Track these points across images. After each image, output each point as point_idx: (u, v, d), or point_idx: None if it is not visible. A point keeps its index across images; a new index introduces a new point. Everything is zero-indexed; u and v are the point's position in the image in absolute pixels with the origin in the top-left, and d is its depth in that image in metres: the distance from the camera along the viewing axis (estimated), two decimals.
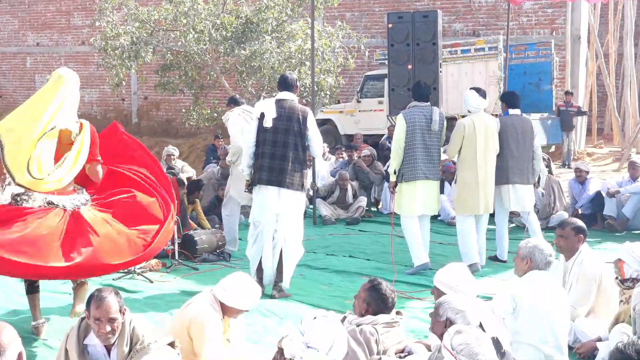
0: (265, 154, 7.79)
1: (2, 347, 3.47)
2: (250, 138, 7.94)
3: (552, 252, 5.68)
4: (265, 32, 17.00)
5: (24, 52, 29.62)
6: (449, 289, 5.24)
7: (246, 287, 5.32)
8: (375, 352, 4.86)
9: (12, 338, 3.52)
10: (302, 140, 7.83)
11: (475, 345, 3.88)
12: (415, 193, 8.88)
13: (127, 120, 26.81)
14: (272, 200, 7.79)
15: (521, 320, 5.34)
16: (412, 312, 7.10)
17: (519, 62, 19.27)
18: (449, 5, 22.03)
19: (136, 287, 8.12)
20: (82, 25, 27.73)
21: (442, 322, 4.54)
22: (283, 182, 7.73)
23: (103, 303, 4.47)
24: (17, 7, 29.67)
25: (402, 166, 8.84)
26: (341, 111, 20.64)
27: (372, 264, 9.48)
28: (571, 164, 18.05)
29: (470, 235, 9.08)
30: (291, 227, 7.91)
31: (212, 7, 17.51)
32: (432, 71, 11.68)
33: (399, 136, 8.82)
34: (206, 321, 5.11)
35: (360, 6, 23.29)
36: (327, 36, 17.66)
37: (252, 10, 17.42)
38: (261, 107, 7.96)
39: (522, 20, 21.35)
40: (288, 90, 8.00)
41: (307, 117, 7.86)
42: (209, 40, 17.33)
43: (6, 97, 30.00)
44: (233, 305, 5.21)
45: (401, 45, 12.03)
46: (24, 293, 7.41)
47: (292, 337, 4.46)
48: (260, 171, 7.82)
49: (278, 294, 7.81)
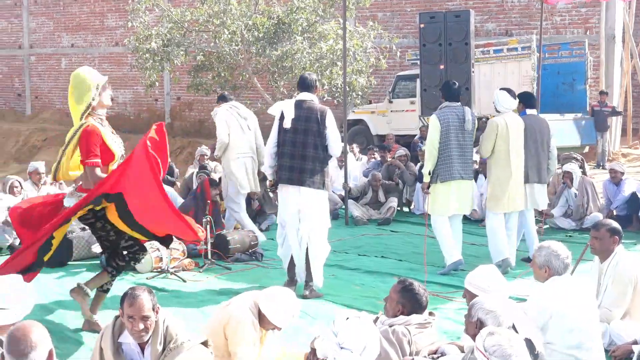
0: (285, 154, 7.86)
1: (33, 344, 3.54)
2: (272, 139, 8.01)
3: (569, 254, 5.53)
4: (297, 32, 17.03)
5: (59, 53, 29.92)
6: (480, 291, 5.21)
7: (287, 303, 5.28)
8: (407, 353, 4.84)
9: (42, 336, 3.59)
10: (321, 139, 7.86)
11: (508, 347, 3.86)
12: (449, 193, 8.89)
13: (159, 120, 26.86)
14: (293, 199, 7.87)
15: (551, 331, 5.26)
16: (444, 313, 7.07)
17: (553, 62, 19.12)
18: (482, 5, 21.92)
19: (169, 286, 8.17)
20: (115, 26, 27.98)
21: (473, 322, 4.52)
22: (303, 180, 7.79)
23: (136, 301, 4.51)
24: (52, 9, 29.99)
25: (436, 166, 8.83)
26: (373, 111, 20.62)
27: (404, 265, 9.46)
28: (606, 165, 17.88)
29: (501, 232, 9.11)
30: (314, 225, 7.93)
31: (244, 8, 17.57)
32: (465, 71, 11.65)
33: (433, 137, 8.79)
34: (243, 322, 5.12)
35: (392, 6, 23.24)
36: (359, 36, 17.65)
37: (284, 10, 17.45)
38: (280, 107, 8.00)
39: (555, 20, 21.18)
40: (307, 90, 8.03)
41: (325, 116, 7.87)
42: (241, 41, 17.39)
43: (41, 97, 30.32)
44: (268, 316, 5.21)
45: (433, 45, 12.01)
46: (59, 292, 7.54)
47: (325, 338, 4.45)
48: (281, 171, 7.91)
49: (310, 293, 7.82)
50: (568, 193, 12.04)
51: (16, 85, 31.21)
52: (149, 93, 21.42)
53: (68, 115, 6.49)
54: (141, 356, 4.65)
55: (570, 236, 11.35)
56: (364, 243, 10.93)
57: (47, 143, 25.87)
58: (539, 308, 5.31)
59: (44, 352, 3.58)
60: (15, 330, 3.62)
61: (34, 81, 30.67)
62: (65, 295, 7.72)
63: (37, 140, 26.22)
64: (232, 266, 9.22)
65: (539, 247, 5.63)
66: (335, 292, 8.01)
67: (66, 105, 6.87)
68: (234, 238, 9.69)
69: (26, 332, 3.58)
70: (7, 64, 31.44)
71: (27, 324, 3.66)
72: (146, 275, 8.44)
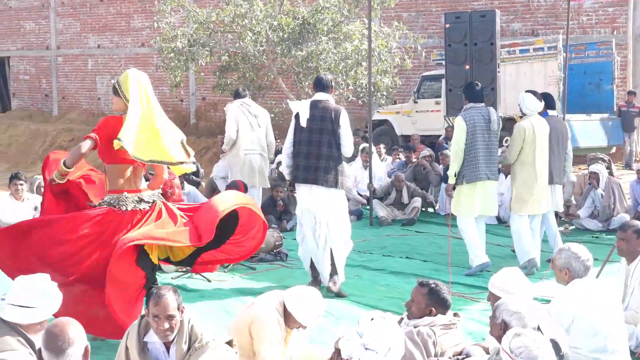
0: (301, 154, 7.97)
1: (70, 340, 3.61)
2: (288, 139, 8.12)
3: (590, 256, 5.46)
4: (322, 32, 17.03)
5: (86, 54, 30.14)
6: (504, 293, 5.18)
7: (313, 302, 5.31)
8: (432, 354, 4.83)
9: (79, 332, 3.67)
10: (335, 138, 7.92)
11: (534, 348, 3.84)
12: (474, 194, 8.89)
13: (185, 120, 27.10)
14: (304, 197, 8.01)
15: (575, 335, 5.22)
16: (469, 314, 7.05)
17: (579, 62, 18.95)
18: (507, 5, 21.79)
19: (194, 286, 8.20)
20: (141, 27, 28.13)
21: (498, 324, 4.50)
22: (317, 179, 7.88)
23: (161, 300, 4.53)
24: (79, 10, 30.22)
25: (462, 167, 8.82)
26: (398, 112, 20.56)
27: (428, 265, 9.44)
28: (633, 166, 17.71)
29: (526, 233, 9.11)
30: (332, 223, 7.98)
31: (269, 9, 17.60)
32: (490, 71, 11.57)
33: (459, 138, 8.79)
34: (268, 322, 5.13)
35: (417, 6, 23.18)
36: (384, 36, 17.62)
37: (309, 11, 17.47)
38: (297, 107, 8.09)
39: (582, 20, 21.01)
40: (323, 91, 8.10)
41: (339, 115, 7.92)
42: (266, 42, 17.43)
43: (68, 98, 30.57)
44: (295, 314, 5.22)
45: (459, 46, 11.95)
46: None
47: (350, 338, 4.45)
48: (297, 170, 8.02)
49: (334, 285, 7.87)
50: (594, 194, 11.95)
51: (43, 86, 31.49)
52: (174, 93, 21.51)
53: (94, 115, 6.51)
54: (166, 355, 4.67)
55: (596, 237, 11.29)
56: (389, 244, 10.92)
57: (73, 143, 26.05)
58: (560, 312, 5.27)
59: (80, 349, 3.66)
60: (53, 326, 3.69)
61: (61, 82, 30.93)
62: None
63: (63, 140, 26.43)
64: (257, 266, 9.24)
65: (559, 249, 5.59)
66: (359, 292, 8.01)
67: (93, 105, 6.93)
68: None
69: (64, 329, 3.66)
70: (35, 65, 31.74)
71: (65, 320, 3.73)
72: (171, 275, 8.48)
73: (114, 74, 28.87)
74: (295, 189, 8.27)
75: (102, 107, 29.03)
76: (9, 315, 4.33)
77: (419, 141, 17.71)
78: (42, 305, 4.36)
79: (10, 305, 4.33)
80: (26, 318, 4.32)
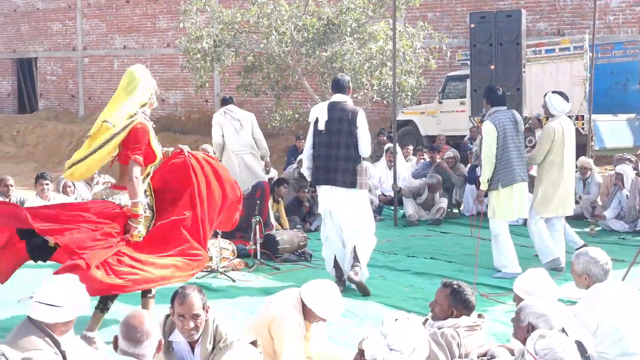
0: (320, 156, 8.10)
1: (148, 333, 3.74)
2: (308, 142, 8.27)
3: (608, 259, 5.37)
4: (347, 33, 17.01)
5: (112, 55, 30.33)
6: (527, 295, 5.16)
7: (331, 294, 5.31)
8: (457, 356, 4.82)
9: (154, 326, 3.83)
10: (352, 139, 8.02)
11: (559, 350, 3.82)
12: (512, 197, 8.81)
13: (210, 120, 27.00)
14: (324, 198, 8.15)
15: (600, 339, 5.16)
16: (494, 315, 7.02)
17: (606, 62, 18.77)
18: (533, 4, 21.66)
19: (219, 286, 8.24)
20: (167, 27, 28.26)
21: (524, 327, 4.48)
22: (336, 180, 8.00)
23: (186, 299, 4.55)
24: (105, 11, 30.42)
25: (496, 171, 8.72)
26: (422, 112, 20.51)
27: (453, 266, 9.41)
28: None
29: (545, 232, 9.11)
30: (353, 223, 8.06)
31: (294, 9, 17.62)
32: (516, 72, 11.50)
33: (491, 142, 8.69)
34: (287, 321, 5.14)
35: (442, 6, 23.10)
36: (409, 37, 17.57)
37: (334, 11, 17.45)
38: (315, 111, 8.21)
39: (608, 19, 20.84)
40: (341, 92, 8.21)
41: (356, 116, 8.01)
42: (291, 42, 17.44)
43: (94, 98, 30.78)
44: (313, 308, 5.22)
45: (484, 46, 11.89)
46: None
47: (373, 339, 4.45)
48: (317, 172, 8.14)
49: (355, 275, 7.90)
50: (620, 195, 11.87)
51: (70, 86, 31.74)
52: (199, 94, 21.58)
53: None
54: (191, 355, 4.69)
55: (623, 239, 11.21)
56: (413, 244, 10.91)
57: None
58: (586, 317, 5.20)
59: (155, 341, 3.79)
60: (132, 318, 3.81)
61: (87, 82, 31.15)
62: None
63: None
64: (281, 266, 9.28)
65: (577, 254, 5.49)
66: (384, 293, 8.01)
67: None
68: (283, 238, 9.76)
69: (142, 321, 3.81)
70: (62, 66, 31.99)
71: (143, 313, 3.88)
72: (196, 275, 8.52)
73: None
74: (317, 190, 8.41)
75: None
76: (36, 313, 4.37)
77: (444, 142, 17.66)
78: (70, 304, 4.39)
79: (38, 303, 4.38)
80: (53, 317, 4.36)
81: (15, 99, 33.71)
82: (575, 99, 16.83)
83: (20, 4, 32.98)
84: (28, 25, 32.91)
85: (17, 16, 33.16)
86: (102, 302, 6.25)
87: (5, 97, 33.86)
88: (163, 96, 27.99)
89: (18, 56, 33.43)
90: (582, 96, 16.52)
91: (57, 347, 4.31)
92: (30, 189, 14.38)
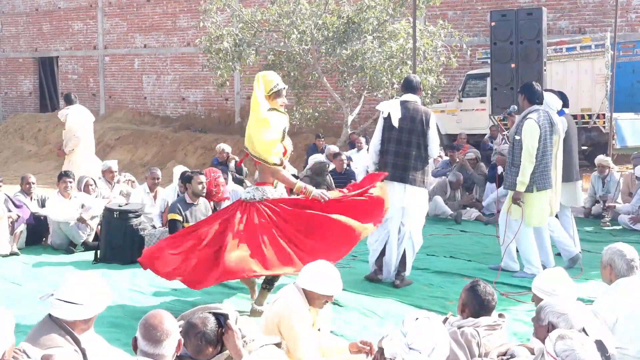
0: (389, 152, 8.19)
1: (167, 332, 3.77)
2: (376, 136, 8.33)
3: (635, 256, 5.38)
4: (367, 31, 17.02)
5: (132, 54, 30.48)
6: (545, 294, 5.14)
7: (325, 271, 5.27)
8: (476, 355, 4.81)
9: (174, 326, 3.86)
10: (424, 139, 8.17)
11: (580, 351, 3.78)
12: (545, 202, 8.60)
13: (230, 119, 27.27)
14: (397, 195, 8.11)
15: (620, 335, 5.14)
16: (514, 315, 6.99)
17: (627, 60, 18.66)
18: (554, 2, 21.56)
19: (241, 285, 8.23)
20: (187, 26, 28.36)
21: (544, 326, 4.46)
22: (407, 178, 8.13)
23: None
24: (125, 10, 30.58)
25: (532, 174, 8.40)
26: (442, 110, 20.47)
27: (473, 265, 9.38)
28: None
29: (562, 230, 9.13)
30: (416, 220, 8.30)
31: (314, 8, 17.64)
32: (536, 70, 11.49)
33: (533, 144, 8.31)
34: (294, 315, 5.13)
35: (463, 4, 23.05)
36: (429, 35, 17.57)
37: (354, 10, 17.47)
38: (386, 106, 8.27)
39: (630, 17, 20.71)
40: (412, 92, 8.33)
41: (429, 118, 8.19)
42: (311, 41, 17.47)
43: (115, 97, 30.94)
44: (314, 289, 5.18)
45: (504, 44, 11.88)
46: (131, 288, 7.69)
47: (393, 337, 4.44)
48: (385, 168, 8.17)
49: (401, 282, 8.14)
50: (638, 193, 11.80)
51: (91, 85, 31.92)
52: (219, 92, 21.67)
53: (140, 114, 6.60)
54: None
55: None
56: (433, 243, 10.86)
57: (120, 142, 26.39)
58: (604, 311, 5.21)
59: (175, 341, 3.81)
60: (152, 317, 3.82)
61: (107, 81, 31.32)
62: (136, 292, 7.89)
63: (110, 139, 26.74)
64: None
65: (608, 247, 5.60)
66: (403, 292, 8.01)
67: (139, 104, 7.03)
68: None
69: (162, 320, 3.80)
70: (83, 65, 32.19)
71: (162, 312, 3.88)
72: None
73: (160, 74, 29.19)
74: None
75: (148, 106, 29.36)
76: (56, 310, 4.40)
77: (465, 140, 17.62)
78: (90, 302, 4.41)
79: (58, 300, 4.40)
80: (73, 314, 4.37)
81: (36, 98, 33.96)
82: (597, 97, 16.77)
83: (42, 4, 33.22)
84: (49, 25, 33.14)
85: (39, 15, 33.41)
86: (267, 282, 7.08)
87: (27, 96, 34.13)
88: (183, 95, 28.10)
89: (39, 55, 33.67)
90: (604, 94, 16.44)
91: (77, 345, 4.33)
92: (52, 187, 14.48)
